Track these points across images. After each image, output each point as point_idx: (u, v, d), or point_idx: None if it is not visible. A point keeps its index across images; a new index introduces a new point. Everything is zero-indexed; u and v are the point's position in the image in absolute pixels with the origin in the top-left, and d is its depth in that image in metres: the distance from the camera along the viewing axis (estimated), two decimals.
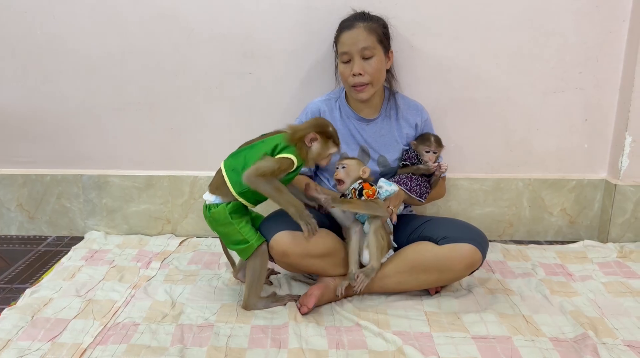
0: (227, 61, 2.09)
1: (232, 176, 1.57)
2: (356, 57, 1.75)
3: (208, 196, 1.63)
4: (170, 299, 1.72)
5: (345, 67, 1.78)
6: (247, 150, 1.60)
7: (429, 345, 1.49)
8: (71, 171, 2.24)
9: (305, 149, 1.57)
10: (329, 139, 1.59)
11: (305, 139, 1.56)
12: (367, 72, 1.76)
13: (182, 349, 1.45)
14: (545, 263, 2.02)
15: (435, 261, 1.65)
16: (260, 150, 1.56)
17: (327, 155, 1.61)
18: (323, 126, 1.59)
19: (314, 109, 1.89)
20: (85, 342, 1.49)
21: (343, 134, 1.85)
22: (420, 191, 1.80)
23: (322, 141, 1.58)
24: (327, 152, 1.60)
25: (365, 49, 1.74)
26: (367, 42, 1.74)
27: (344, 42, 1.76)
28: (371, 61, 1.76)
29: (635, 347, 1.48)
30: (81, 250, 2.10)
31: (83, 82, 2.13)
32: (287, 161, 1.53)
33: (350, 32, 1.75)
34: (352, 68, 1.76)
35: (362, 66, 1.75)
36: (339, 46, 1.80)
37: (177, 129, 2.18)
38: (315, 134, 1.56)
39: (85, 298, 1.72)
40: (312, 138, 1.56)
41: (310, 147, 1.57)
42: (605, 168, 2.23)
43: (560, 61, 2.09)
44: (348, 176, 1.68)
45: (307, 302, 1.64)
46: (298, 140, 1.55)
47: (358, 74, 1.75)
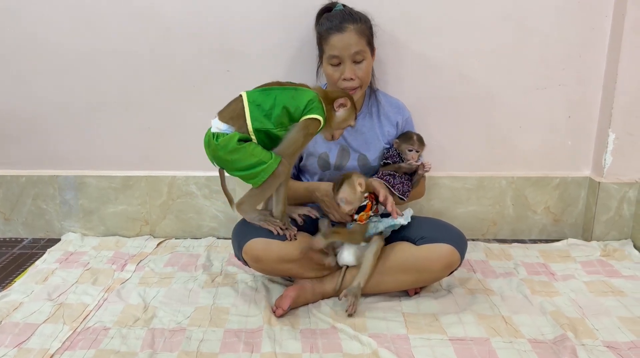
0: (204, 58, 2.05)
1: (254, 111, 1.50)
2: (347, 61, 1.70)
3: (218, 123, 1.54)
4: (143, 302, 1.68)
5: (335, 70, 1.72)
6: (279, 91, 1.53)
7: (405, 347, 1.46)
8: (47, 171, 2.20)
9: (331, 113, 1.56)
10: (354, 112, 1.60)
11: (335, 103, 1.56)
12: (358, 76, 1.72)
13: (151, 354, 1.42)
14: (528, 262, 1.99)
15: (413, 262, 1.62)
16: (294, 99, 1.51)
17: (345, 126, 1.61)
18: (351, 96, 1.61)
19: None
20: (53, 348, 1.45)
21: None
22: (403, 189, 1.77)
23: (350, 109, 1.58)
24: (347, 123, 1.60)
25: (357, 54, 1.69)
26: (359, 47, 1.69)
27: (334, 45, 1.69)
28: (362, 65, 1.71)
29: (615, 348, 1.46)
30: (56, 252, 2.06)
31: (59, 82, 2.09)
32: (315, 123, 1.51)
33: (342, 35, 1.68)
34: (343, 72, 1.70)
35: (353, 71, 1.70)
36: (326, 48, 1.73)
37: (155, 129, 2.14)
38: (346, 100, 1.57)
39: (57, 302, 1.69)
40: (342, 103, 1.57)
41: (336, 112, 1.57)
42: (589, 165, 2.20)
43: (542, 58, 2.06)
44: (350, 203, 1.61)
45: (282, 304, 1.61)
46: (327, 100, 1.55)
47: (350, 79, 1.71)
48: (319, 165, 1.83)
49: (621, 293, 1.76)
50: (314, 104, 1.50)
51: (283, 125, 1.50)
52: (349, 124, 1.60)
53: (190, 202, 2.20)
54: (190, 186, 2.18)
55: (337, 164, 1.83)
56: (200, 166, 2.17)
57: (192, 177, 2.17)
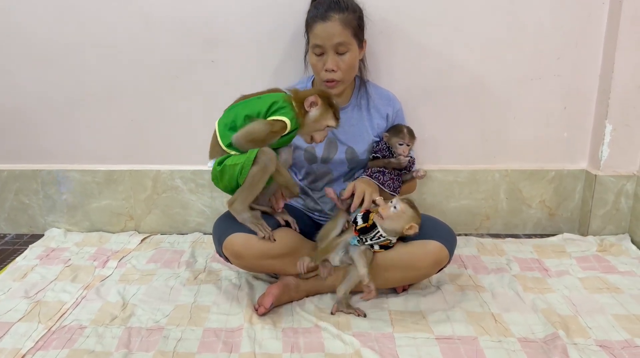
0: (187, 48, 1.99)
1: (222, 130, 1.48)
2: (330, 52, 1.64)
3: (209, 162, 1.53)
4: (122, 300, 1.63)
5: (318, 60, 1.67)
6: (240, 105, 1.50)
7: (390, 346, 1.41)
8: (29, 166, 2.14)
9: (303, 113, 1.47)
10: (330, 108, 1.49)
11: (305, 102, 1.46)
12: (341, 68, 1.65)
13: (126, 354, 1.37)
14: (521, 257, 1.93)
15: (398, 260, 1.56)
16: (255, 107, 1.46)
17: (323, 127, 1.50)
18: (327, 94, 1.51)
19: None
20: (26, 347, 1.40)
21: None
22: (393, 185, 1.72)
23: (322, 108, 1.48)
24: (324, 123, 1.50)
25: (340, 45, 1.63)
26: (342, 38, 1.62)
27: (318, 34, 1.64)
28: (345, 57, 1.65)
29: (608, 347, 1.40)
30: (38, 248, 2.01)
31: (39, 74, 2.03)
32: (279, 123, 1.43)
33: (325, 24, 1.62)
34: (325, 63, 1.65)
35: (335, 62, 1.64)
36: (311, 36, 1.68)
37: (138, 121, 2.08)
38: (316, 98, 1.47)
39: (34, 300, 1.64)
40: (312, 102, 1.47)
41: (308, 112, 1.47)
42: (585, 157, 2.14)
43: (536, 47, 2.00)
44: (389, 219, 1.49)
45: (265, 302, 1.56)
46: (298, 102, 1.46)
47: (331, 70, 1.65)
48: (305, 158, 1.77)
49: (617, 289, 1.70)
50: (278, 105, 1.44)
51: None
52: (326, 124, 1.51)
53: (175, 197, 2.15)
54: (175, 181, 2.13)
55: (325, 158, 1.77)
56: (185, 159, 2.13)
57: (177, 171, 2.12)
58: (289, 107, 1.45)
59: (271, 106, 1.44)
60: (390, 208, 1.49)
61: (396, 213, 1.49)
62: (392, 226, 1.50)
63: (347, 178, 1.81)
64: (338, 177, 1.80)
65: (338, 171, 1.79)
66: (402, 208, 1.49)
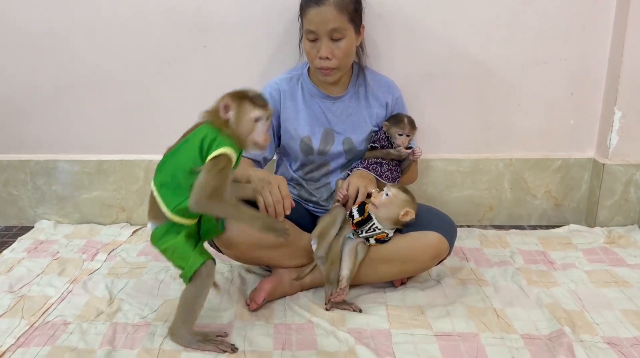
0: (178, 34, 1.92)
1: (164, 193, 1.28)
2: (324, 38, 1.55)
3: (149, 224, 1.36)
4: (109, 295, 1.57)
5: (312, 47, 1.59)
6: (171, 158, 1.30)
7: (386, 343, 1.34)
8: (17, 156, 2.08)
9: (227, 124, 1.26)
10: (244, 99, 1.26)
11: (220, 114, 1.25)
12: (336, 55, 1.57)
13: (110, 352, 1.31)
14: (526, 249, 1.86)
15: (396, 252, 1.49)
16: (187, 153, 1.26)
17: (251, 123, 1.26)
18: (236, 91, 1.28)
19: (273, 88, 1.70)
20: (6, 344, 1.34)
21: (306, 116, 1.69)
22: (392, 176, 1.65)
23: (236, 103, 1.25)
24: (248, 117, 1.25)
25: (334, 31, 1.54)
26: (337, 23, 1.53)
27: (311, 19, 1.55)
28: (340, 43, 1.57)
29: (617, 345, 1.33)
30: (26, 241, 1.96)
31: (26, 61, 1.97)
32: (224, 158, 1.23)
33: (319, 9, 1.53)
34: (319, 50, 1.57)
35: (330, 49, 1.56)
36: (304, 21, 1.59)
37: (128, 110, 2.02)
38: (226, 99, 1.25)
39: (18, 295, 1.58)
40: (224, 106, 1.25)
41: (229, 118, 1.26)
42: (592, 146, 2.06)
43: (542, 30, 1.91)
44: (383, 208, 1.44)
45: (257, 298, 1.50)
46: (215, 117, 1.26)
47: (325, 57, 1.57)
48: (302, 150, 1.70)
49: (625, 283, 1.63)
50: (209, 138, 1.24)
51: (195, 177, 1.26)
52: (252, 117, 1.26)
53: None
54: None
55: (321, 149, 1.69)
56: None
57: None
58: (218, 135, 1.25)
59: (201, 144, 1.24)
60: (382, 195, 1.44)
61: (389, 199, 1.44)
62: (387, 214, 1.44)
63: (344, 169, 1.74)
64: (335, 168, 1.73)
65: (335, 162, 1.72)
66: (394, 193, 1.44)
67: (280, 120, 1.70)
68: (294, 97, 1.70)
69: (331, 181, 1.72)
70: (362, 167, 1.66)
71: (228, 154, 1.23)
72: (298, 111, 1.70)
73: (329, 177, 1.73)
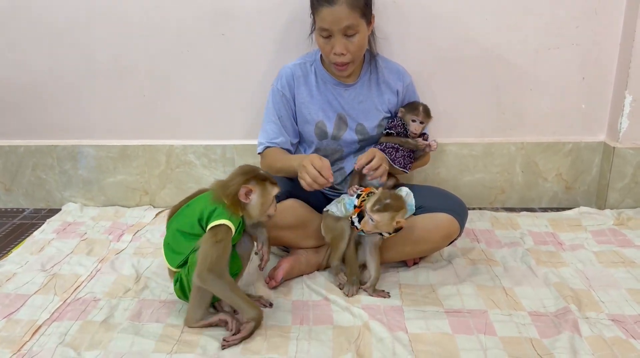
0: (197, 22, 1.97)
1: (167, 253, 1.39)
2: (338, 35, 1.58)
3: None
4: (136, 273, 1.66)
5: (326, 43, 1.62)
6: (175, 221, 1.40)
7: (398, 319, 1.41)
8: (45, 141, 2.17)
9: (242, 205, 1.34)
10: (264, 182, 1.35)
11: (240, 197, 1.32)
12: (350, 50, 1.60)
13: (137, 325, 1.39)
14: (536, 231, 1.91)
15: (409, 233, 1.55)
16: (187, 218, 1.35)
17: (271, 202, 1.37)
18: (251, 171, 1.36)
19: (287, 74, 1.75)
20: (41, 319, 1.43)
21: (320, 101, 1.74)
22: (404, 162, 1.69)
23: (258, 187, 1.34)
24: (270, 198, 1.36)
25: (348, 28, 1.57)
26: (350, 21, 1.56)
27: (324, 18, 1.57)
28: (354, 38, 1.59)
29: (621, 322, 1.38)
30: (55, 223, 2.05)
31: (49, 50, 2.04)
32: (222, 230, 1.29)
33: (332, 8, 1.55)
34: (333, 46, 1.60)
35: (344, 45, 1.59)
36: (317, 18, 1.62)
37: (150, 96, 2.09)
38: (248, 187, 1.32)
39: (50, 273, 1.67)
40: (247, 192, 1.32)
41: (249, 202, 1.34)
42: (603, 129, 2.09)
43: (554, 15, 1.93)
44: (376, 229, 1.46)
45: (276, 276, 1.57)
46: (230, 199, 1.32)
47: (340, 54, 1.60)
48: (316, 134, 1.75)
49: (632, 263, 1.67)
50: (208, 210, 1.31)
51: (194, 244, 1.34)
52: (271, 197, 1.36)
53: (189, 172, 2.16)
54: (188, 156, 2.14)
55: (335, 135, 1.74)
56: (198, 134, 2.13)
57: (190, 146, 2.13)
58: (219, 208, 1.31)
59: (201, 214, 1.32)
60: (368, 222, 1.44)
61: (376, 224, 1.43)
62: (382, 230, 1.47)
63: (357, 154, 1.78)
64: (349, 153, 1.78)
65: (349, 148, 1.77)
66: (377, 218, 1.42)
67: (295, 105, 1.76)
68: (307, 83, 1.74)
69: (345, 166, 1.78)
70: (379, 148, 1.71)
71: (227, 225, 1.30)
72: (312, 96, 1.74)
73: (342, 162, 1.78)
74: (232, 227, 1.30)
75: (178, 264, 1.37)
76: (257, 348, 1.31)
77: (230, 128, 2.11)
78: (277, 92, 1.74)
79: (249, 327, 1.33)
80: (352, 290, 1.52)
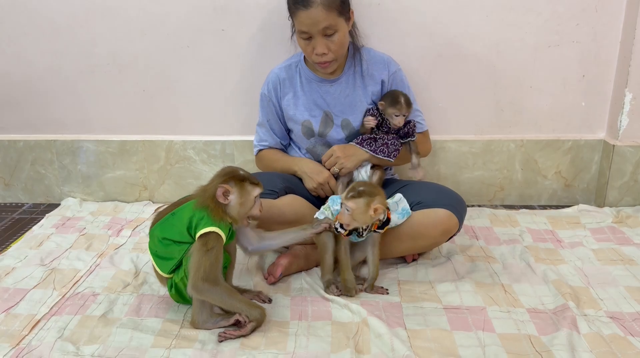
0: (197, 17, 1.97)
1: (157, 261, 1.37)
2: (317, 36, 1.59)
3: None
4: (135, 268, 1.66)
5: (307, 44, 1.63)
6: (159, 228, 1.36)
7: (397, 315, 1.41)
8: (44, 136, 2.17)
9: (223, 208, 1.31)
10: (243, 182, 1.32)
11: (217, 198, 1.29)
12: (331, 49, 1.61)
13: (136, 320, 1.40)
14: (535, 228, 1.91)
15: (407, 228, 1.55)
16: (173, 227, 1.32)
17: (252, 203, 1.34)
18: (230, 172, 1.33)
19: (273, 79, 1.78)
20: (40, 313, 1.44)
21: (305, 101, 1.76)
22: (388, 150, 1.68)
23: (237, 189, 1.31)
24: (250, 198, 1.33)
25: (326, 29, 1.57)
26: (328, 21, 1.56)
27: (302, 21, 1.58)
28: (334, 37, 1.60)
29: (619, 319, 1.39)
30: (54, 218, 2.05)
31: (48, 45, 2.04)
32: (212, 237, 1.28)
33: (308, 11, 1.55)
34: (315, 47, 1.61)
35: (325, 45, 1.60)
36: (295, 21, 1.62)
37: (149, 92, 2.08)
38: (225, 186, 1.29)
39: (49, 268, 1.67)
40: (224, 192, 1.29)
41: (228, 203, 1.31)
42: (603, 127, 2.09)
43: (554, 12, 1.93)
44: (354, 221, 1.42)
45: (274, 272, 1.57)
46: (210, 201, 1.30)
47: (322, 53, 1.61)
48: (303, 132, 1.77)
49: (631, 261, 1.68)
50: (196, 218, 1.29)
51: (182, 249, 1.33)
52: (253, 196, 1.34)
53: (188, 167, 2.16)
54: (188, 151, 2.14)
55: (321, 132, 1.76)
56: (197, 130, 2.13)
57: (189, 141, 2.13)
58: (206, 215, 1.29)
59: (190, 221, 1.30)
60: (344, 213, 1.42)
61: (351, 214, 1.40)
62: (361, 222, 1.43)
63: None
64: None
65: (335, 142, 1.77)
66: (351, 206, 1.39)
67: (282, 108, 1.79)
68: (293, 85, 1.77)
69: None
70: (355, 143, 1.71)
71: (216, 232, 1.28)
72: (297, 97, 1.76)
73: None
74: (221, 234, 1.29)
75: (170, 270, 1.36)
76: (256, 343, 1.31)
77: (230, 124, 2.11)
78: (265, 98, 1.81)
79: (250, 326, 1.33)
80: (351, 293, 1.51)
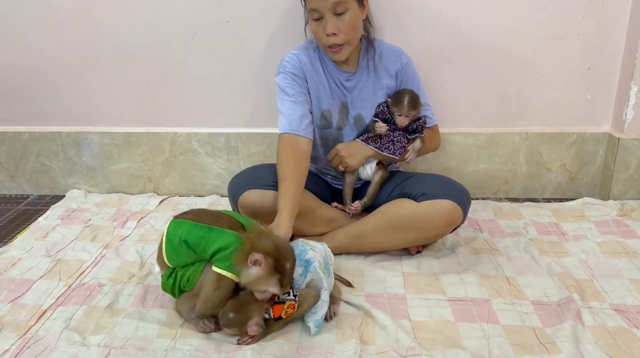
0: (201, 9, 1.96)
1: (168, 248, 1.34)
2: (328, 14, 1.55)
3: (156, 268, 1.44)
4: (140, 259, 1.67)
5: (318, 26, 1.59)
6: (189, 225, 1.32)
7: (401, 307, 1.41)
8: (49, 128, 2.17)
9: (243, 266, 1.25)
10: (275, 273, 1.23)
11: (250, 257, 1.22)
12: (342, 30, 1.57)
13: (141, 311, 1.40)
14: (539, 221, 1.91)
15: (412, 219, 1.55)
16: (201, 241, 1.28)
17: (262, 290, 1.26)
18: (281, 255, 1.25)
19: (292, 59, 1.68)
20: (47, 304, 1.45)
21: (327, 87, 1.70)
22: (394, 147, 1.67)
23: (265, 271, 1.23)
24: (264, 287, 1.25)
25: (337, 5, 1.53)
26: None
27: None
28: (345, 17, 1.56)
29: (623, 311, 1.39)
30: (59, 209, 2.05)
31: (53, 35, 2.03)
32: (226, 281, 1.27)
33: None
34: (325, 27, 1.57)
35: (335, 24, 1.56)
36: (307, 1, 1.59)
37: (153, 83, 2.08)
38: (262, 259, 1.22)
39: (55, 259, 1.68)
40: (256, 261, 1.22)
41: (249, 268, 1.24)
42: (608, 120, 2.08)
43: (559, 4, 1.92)
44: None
45: None
46: (242, 252, 1.24)
47: (332, 33, 1.57)
48: (321, 125, 1.73)
49: (636, 254, 1.68)
50: (222, 254, 1.26)
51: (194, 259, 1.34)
52: (266, 289, 1.25)
53: (193, 159, 2.17)
54: (192, 143, 2.14)
55: (339, 125, 1.73)
56: (201, 122, 2.13)
57: (193, 134, 2.13)
58: (232, 258, 1.25)
59: (216, 251, 1.27)
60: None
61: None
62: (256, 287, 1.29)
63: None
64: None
65: (348, 137, 1.75)
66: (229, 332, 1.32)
67: (308, 84, 1.69)
68: (314, 67, 1.70)
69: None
70: (361, 140, 1.70)
71: (232, 278, 1.27)
72: (320, 81, 1.70)
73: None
74: (236, 280, 1.28)
75: (174, 263, 1.36)
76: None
77: (235, 116, 2.11)
78: (287, 76, 1.65)
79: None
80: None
